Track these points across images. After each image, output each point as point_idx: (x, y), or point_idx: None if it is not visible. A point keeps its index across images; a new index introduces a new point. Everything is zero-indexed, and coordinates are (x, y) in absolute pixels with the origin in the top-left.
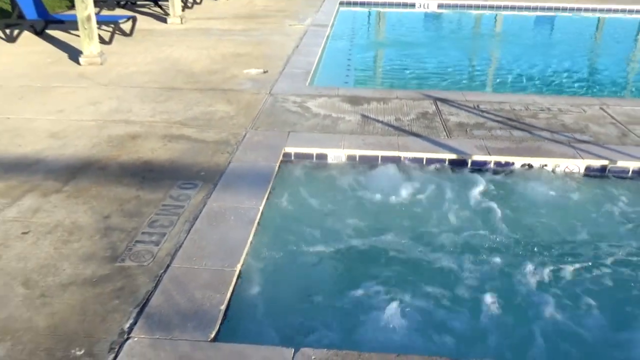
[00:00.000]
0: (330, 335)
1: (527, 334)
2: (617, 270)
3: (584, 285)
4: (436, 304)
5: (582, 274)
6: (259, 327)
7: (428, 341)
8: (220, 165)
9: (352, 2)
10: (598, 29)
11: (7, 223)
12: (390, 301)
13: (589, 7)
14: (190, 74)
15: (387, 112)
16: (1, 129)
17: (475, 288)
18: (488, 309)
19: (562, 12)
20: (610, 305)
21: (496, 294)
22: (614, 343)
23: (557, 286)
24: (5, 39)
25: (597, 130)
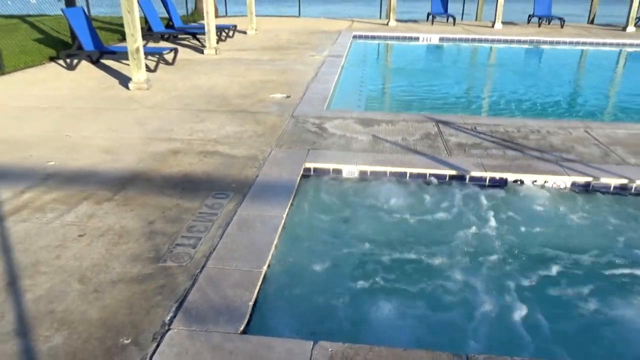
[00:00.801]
0: (344, 330)
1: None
2: (597, 274)
3: (565, 290)
4: (431, 300)
5: (563, 279)
6: (283, 321)
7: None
8: (249, 178)
9: (364, 35)
10: (581, 59)
11: (66, 227)
12: (398, 299)
13: (572, 40)
14: (223, 98)
15: (395, 133)
16: (62, 145)
17: (460, 286)
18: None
19: (549, 45)
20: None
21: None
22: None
23: (538, 290)
24: (66, 67)
25: (582, 150)
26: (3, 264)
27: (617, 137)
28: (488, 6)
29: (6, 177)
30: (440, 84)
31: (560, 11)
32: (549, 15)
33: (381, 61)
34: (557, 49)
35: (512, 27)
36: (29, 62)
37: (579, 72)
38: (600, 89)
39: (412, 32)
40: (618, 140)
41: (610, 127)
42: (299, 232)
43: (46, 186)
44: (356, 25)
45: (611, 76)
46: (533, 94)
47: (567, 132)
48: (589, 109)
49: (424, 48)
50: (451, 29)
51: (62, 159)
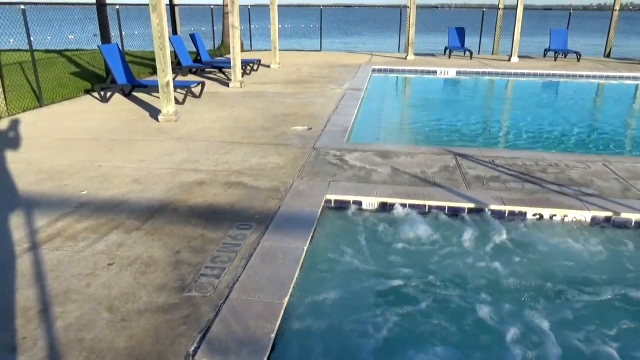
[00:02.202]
0: None
1: None
2: (617, 308)
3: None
4: (450, 333)
5: (584, 313)
6: (304, 354)
7: None
8: (271, 210)
9: (383, 69)
10: (598, 93)
11: (97, 255)
12: (418, 333)
13: (589, 73)
14: (248, 131)
15: (414, 166)
16: (94, 175)
17: (477, 319)
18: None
19: (566, 79)
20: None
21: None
22: None
23: (558, 320)
24: (101, 100)
25: (602, 185)
26: (37, 291)
27: (637, 171)
28: (505, 40)
29: (43, 205)
30: (458, 117)
31: (575, 43)
32: (565, 50)
33: (400, 94)
34: (574, 82)
35: (529, 60)
36: (66, 95)
37: (596, 105)
38: (618, 122)
39: (430, 66)
40: (638, 174)
41: (630, 161)
42: (320, 264)
43: (79, 215)
44: (376, 59)
45: (629, 110)
46: (551, 127)
47: (586, 166)
48: (607, 143)
49: (441, 82)
50: (468, 62)
51: (94, 188)
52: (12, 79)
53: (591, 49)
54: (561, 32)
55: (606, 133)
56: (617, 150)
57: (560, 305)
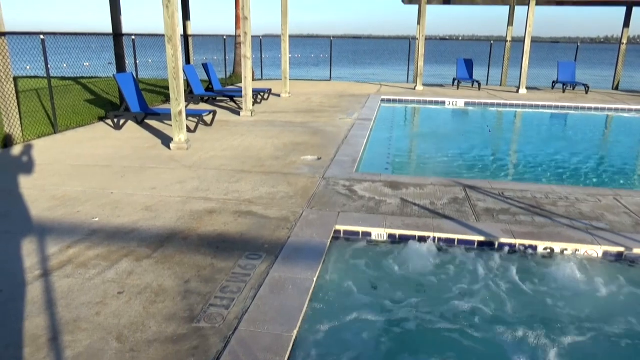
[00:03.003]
0: None
1: None
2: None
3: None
4: None
5: (593, 352)
6: None
7: None
8: (281, 240)
9: (392, 99)
10: (607, 125)
11: (107, 283)
12: None
13: (598, 106)
14: (258, 159)
15: (423, 197)
16: (106, 202)
17: None
18: None
19: (574, 111)
20: None
21: None
22: None
23: None
24: (114, 127)
25: (613, 219)
26: (47, 318)
27: None
28: (513, 71)
29: (55, 232)
30: (467, 148)
31: (583, 75)
32: (573, 82)
33: (408, 124)
34: (583, 114)
35: (537, 92)
36: (79, 122)
37: (605, 138)
38: (627, 155)
39: (438, 97)
40: None
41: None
42: (329, 295)
43: (90, 242)
44: (384, 89)
45: (638, 143)
46: (559, 159)
47: (596, 199)
48: (617, 176)
49: (450, 112)
50: (476, 93)
51: (106, 216)
52: (28, 105)
53: (599, 81)
54: (569, 65)
55: (616, 166)
56: (627, 183)
57: (571, 345)
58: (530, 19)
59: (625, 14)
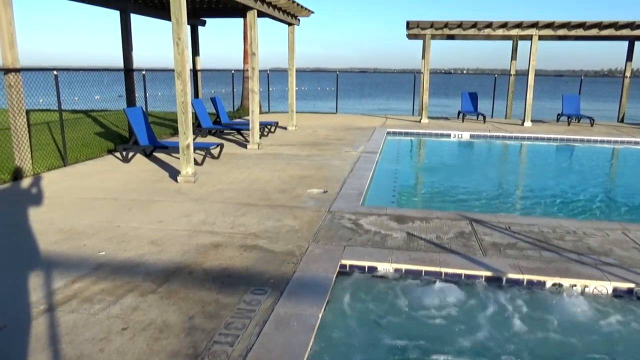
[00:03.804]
0: None
1: None
2: None
3: None
4: None
5: None
6: None
7: None
8: (286, 274)
9: (398, 132)
10: (613, 158)
11: (111, 319)
12: None
13: (604, 138)
14: (264, 192)
15: (429, 231)
16: (113, 235)
17: None
18: None
19: (580, 143)
20: None
21: None
22: None
23: None
24: (122, 160)
25: (622, 254)
26: (50, 355)
27: None
28: (517, 103)
29: (61, 266)
30: (472, 181)
31: (588, 107)
32: (577, 114)
33: (414, 157)
34: (588, 147)
35: (542, 125)
36: (89, 155)
37: (611, 170)
38: (634, 188)
39: (443, 129)
40: None
41: None
42: (334, 332)
43: (96, 276)
44: (390, 122)
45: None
46: (566, 193)
47: (604, 233)
48: (624, 210)
49: (455, 145)
50: (481, 126)
51: (112, 249)
52: (40, 138)
53: (604, 114)
54: (573, 97)
55: (623, 199)
56: (635, 217)
57: None
58: (533, 53)
59: (627, 48)
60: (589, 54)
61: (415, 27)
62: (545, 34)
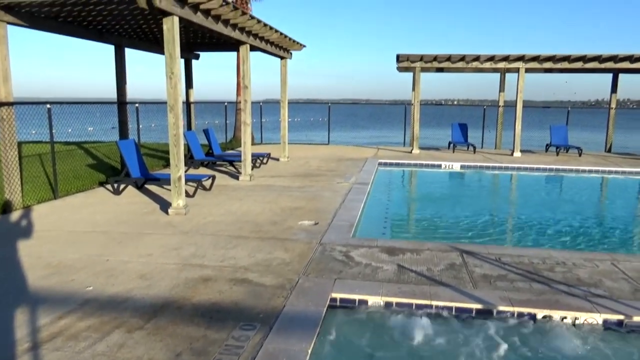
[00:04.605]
0: None
1: None
2: None
3: None
4: None
5: None
6: None
7: None
8: (276, 309)
9: (389, 163)
10: (601, 188)
11: (97, 357)
12: None
13: (592, 168)
14: (255, 224)
15: (420, 263)
16: (102, 270)
17: None
18: None
19: (569, 173)
20: None
21: None
22: None
23: None
24: (113, 192)
25: (611, 285)
26: None
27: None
28: (507, 133)
29: (47, 302)
30: (463, 211)
31: (576, 137)
32: (566, 145)
33: (405, 188)
34: (577, 177)
35: (531, 155)
36: (80, 187)
37: (600, 201)
38: (623, 218)
39: (434, 160)
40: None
41: (638, 259)
42: None
43: (82, 312)
44: (381, 152)
45: (634, 205)
46: (555, 222)
47: (593, 264)
48: (613, 240)
49: (446, 175)
50: (472, 156)
51: (100, 284)
52: (30, 170)
53: (592, 144)
54: (561, 128)
55: (612, 229)
56: (624, 247)
57: None
58: (520, 85)
59: (612, 80)
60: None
61: (406, 60)
62: (531, 67)
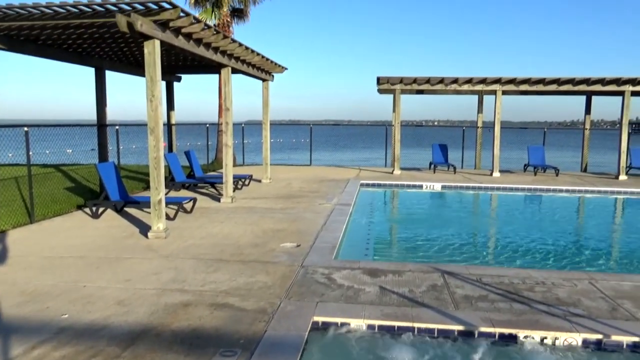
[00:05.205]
0: None
1: None
2: None
3: None
4: None
5: None
6: None
7: None
8: (257, 334)
9: (371, 183)
10: (579, 207)
11: None
12: None
13: (569, 188)
14: (237, 247)
15: (402, 284)
16: (78, 296)
17: None
18: None
19: (546, 193)
20: None
21: None
22: None
23: None
24: (92, 216)
25: (589, 304)
26: None
27: (622, 289)
28: (486, 154)
29: (21, 331)
30: (444, 231)
31: (553, 156)
32: (543, 165)
33: (387, 209)
34: (555, 196)
35: (510, 175)
36: (57, 211)
37: (577, 220)
38: (599, 237)
39: (415, 180)
40: (624, 293)
41: (615, 278)
42: None
43: (57, 341)
44: (363, 173)
45: (610, 224)
46: (535, 242)
47: (572, 283)
48: (590, 258)
49: (427, 196)
50: (452, 177)
51: (76, 311)
52: (6, 194)
53: (569, 163)
54: (538, 149)
55: (589, 248)
56: (601, 265)
57: None
58: (498, 107)
59: (585, 102)
60: (552, 107)
61: (386, 82)
62: (508, 89)
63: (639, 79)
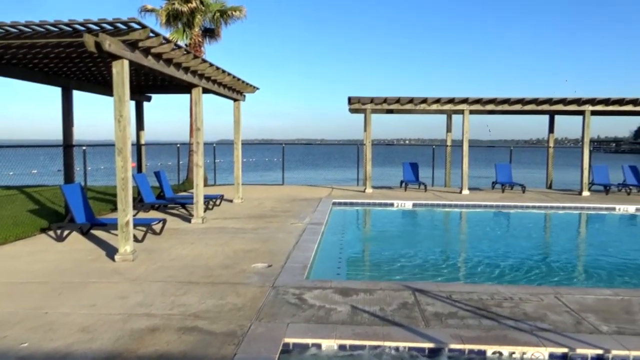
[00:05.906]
0: None
1: None
2: None
3: None
4: None
5: None
6: None
7: None
8: (226, 358)
9: (343, 202)
10: (544, 223)
11: None
12: None
13: (535, 204)
14: (207, 269)
15: (373, 303)
16: (39, 324)
17: None
18: None
19: (514, 209)
20: None
21: None
22: None
23: None
24: (56, 239)
25: (555, 319)
26: None
27: (586, 303)
28: (455, 171)
29: None
30: (415, 249)
31: (519, 173)
32: (510, 182)
33: (359, 227)
34: (521, 212)
35: (479, 192)
36: (19, 235)
37: (544, 235)
38: (564, 252)
39: (387, 199)
40: (588, 306)
41: (579, 292)
42: None
43: None
44: (336, 192)
45: (573, 239)
46: (502, 258)
47: (538, 298)
48: (556, 273)
49: (399, 214)
50: (423, 195)
51: (37, 340)
52: None
53: (534, 180)
54: (505, 166)
55: (554, 263)
56: (566, 279)
57: None
58: (465, 126)
59: (548, 121)
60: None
61: (357, 102)
62: (475, 109)
63: (598, 99)
